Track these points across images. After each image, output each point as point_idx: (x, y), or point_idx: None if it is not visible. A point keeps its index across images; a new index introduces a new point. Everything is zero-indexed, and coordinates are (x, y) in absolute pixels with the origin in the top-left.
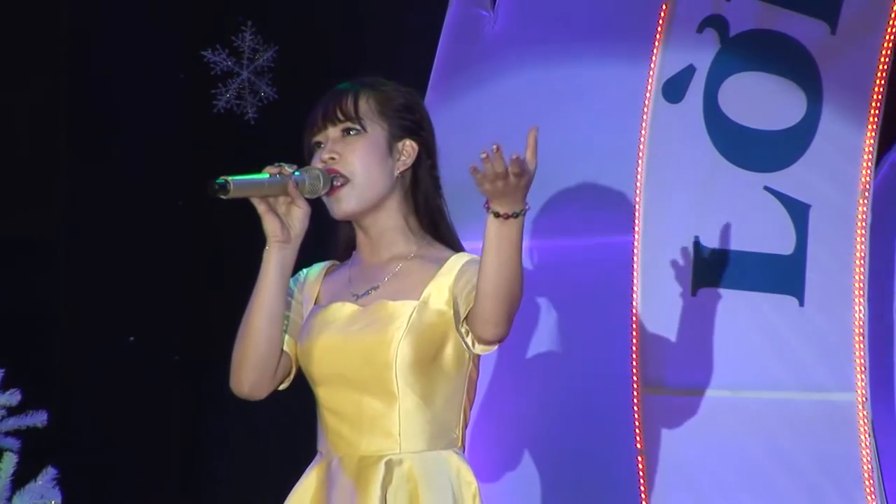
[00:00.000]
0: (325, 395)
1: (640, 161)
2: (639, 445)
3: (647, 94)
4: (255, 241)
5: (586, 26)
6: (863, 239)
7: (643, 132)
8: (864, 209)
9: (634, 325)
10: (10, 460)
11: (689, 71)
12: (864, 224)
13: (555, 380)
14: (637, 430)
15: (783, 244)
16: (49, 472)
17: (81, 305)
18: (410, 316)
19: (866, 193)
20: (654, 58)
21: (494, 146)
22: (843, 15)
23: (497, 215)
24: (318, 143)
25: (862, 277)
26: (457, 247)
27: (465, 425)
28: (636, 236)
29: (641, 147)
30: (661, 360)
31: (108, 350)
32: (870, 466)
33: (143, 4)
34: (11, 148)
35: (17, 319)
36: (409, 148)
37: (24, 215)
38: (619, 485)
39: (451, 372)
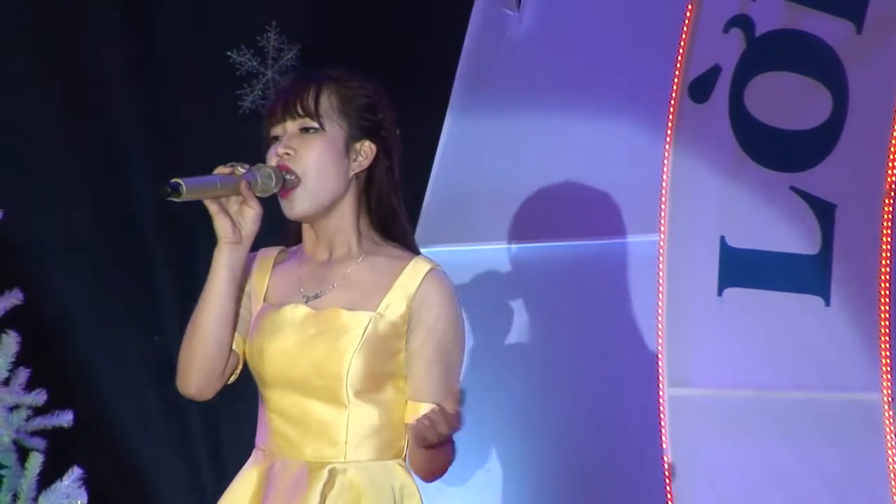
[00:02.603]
0: (273, 398)
1: (665, 161)
2: (664, 445)
3: (673, 94)
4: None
5: (612, 25)
6: (888, 238)
7: (669, 132)
8: (890, 209)
9: (660, 325)
10: (36, 460)
11: (715, 71)
12: (889, 223)
13: (580, 379)
14: (662, 430)
15: (809, 244)
16: (75, 473)
17: (106, 305)
18: (365, 329)
19: (892, 193)
20: (679, 57)
21: (437, 407)
22: (868, 15)
23: (429, 447)
24: (276, 137)
25: (888, 277)
26: (409, 246)
27: None
28: (662, 236)
29: (667, 147)
30: (687, 359)
31: (134, 350)
32: None
33: (169, 5)
34: (37, 148)
35: (42, 320)
36: (366, 149)
37: (50, 216)
38: (645, 485)
39: (402, 382)
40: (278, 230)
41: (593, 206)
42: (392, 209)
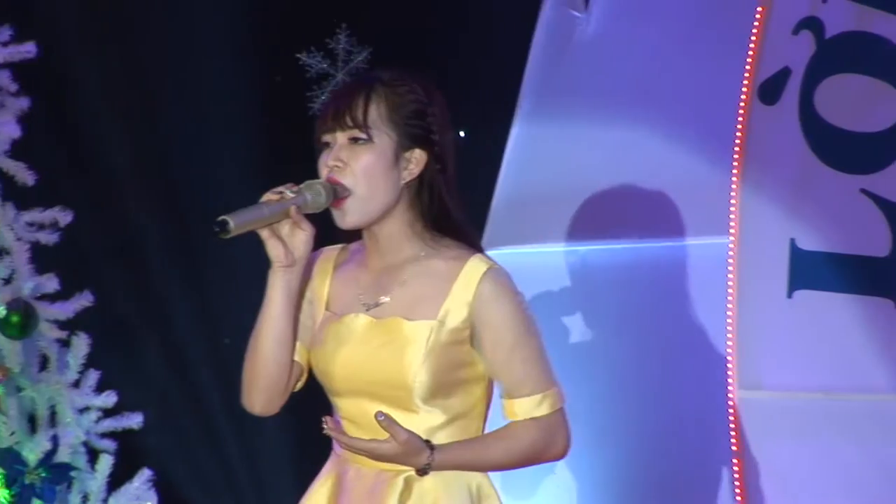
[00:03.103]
0: (344, 406)
1: (735, 163)
2: (735, 447)
3: (743, 96)
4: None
5: (681, 27)
6: None
7: (739, 134)
8: None
9: (730, 327)
10: (106, 462)
11: (785, 73)
12: None
13: (650, 380)
14: (733, 432)
15: (879, 246)
16: (144, 474)
17: (177, 307)
18: (428, 339)
19: None
20: (749, 59)
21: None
22: None
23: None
24: (327, 144)
25: None
26: (466, 241)
27: (485, 429)
28: (732, 238)
29: (737, 149)
30: (758, 361)
31: (204, 352)
32: None
33: (239, 8)
34: (104, 151)
35: (112, 322)
36: (416, 157)
37: (120, 219)
38: (714, 487)
39: (470, 385)
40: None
41: (661, 208)
42: (445, 210)
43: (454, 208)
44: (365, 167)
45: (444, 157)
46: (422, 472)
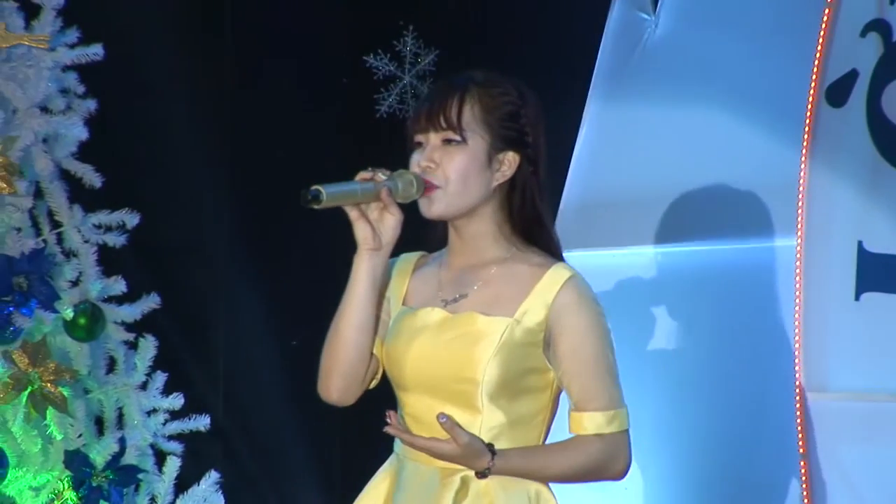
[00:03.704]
0: (408, 401)
1: (802, 165)
2: (802, 450)
3: (810, 98)
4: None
5: (748, 30)
6: None
7: (806, 136)
8: None
9: (797, 330)
10: (174, 464)
11: (853, 75)
12: None
13: (716, 383)
14: (800, 435)
15: None
16: (211, 477)
17: (244, 309)
18: (502, 335)
19: None
20: (816, 62)
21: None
22: None
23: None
24: (419, 143)
25: None
26: (554, 252)
27: (545, 440)
28: (799, 240)
29: (804, 151)
30: (825, 364)
31: (272, 354)
32: None
33: (306, 11)
34: (171, 153)
35: (180, 324)
36: (509, 160)
37: (187, 221)
38: (782, 489)
39: (536, 390)
40: (419, 238)
41: (730, 210)
42: (536, 215)
43: (545, 213)
44: (458, 168)
45: (537, 159)
46: (481, 475)
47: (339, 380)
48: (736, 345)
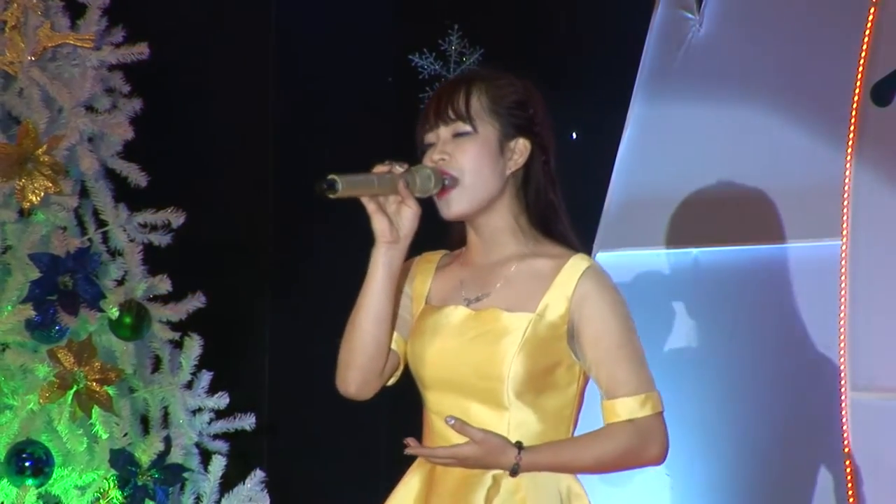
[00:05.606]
0: (434, 399)
1: (848, 164)
2: (846, 449)
3: (855, 97)
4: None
5: (792, 29)
6: None
7: (851, 135)
8: None
9: (842, 329)
10: (219, 463)
11: None
12: None
13: (762, 382)
14: (845, 433)
15: None
16: (257, 476)
17: (289, 308)
18: (525, 330)
19: None
20: (861, 61)
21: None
22: None
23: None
24: (430, 144)
25: None
26: (571, 244)
27: (573, 434)
28: (844, 240)
29: (849, 150)
30: (870, 362)
31: (317, 352)
32: None
33: (351, 11)
34: (219, 151)
35: (225, 323)
36: (521, 147)
37: (232, 220)
38: (826, 488)
39: (562, 384)
40: (439, 236)
41: (774, 210)
42: (551, 204)
43: (559, 204)
44: (471, 158)
45: (548, 148)
46: (512, 472)
47: (356, 373)
48: (779, 344)
